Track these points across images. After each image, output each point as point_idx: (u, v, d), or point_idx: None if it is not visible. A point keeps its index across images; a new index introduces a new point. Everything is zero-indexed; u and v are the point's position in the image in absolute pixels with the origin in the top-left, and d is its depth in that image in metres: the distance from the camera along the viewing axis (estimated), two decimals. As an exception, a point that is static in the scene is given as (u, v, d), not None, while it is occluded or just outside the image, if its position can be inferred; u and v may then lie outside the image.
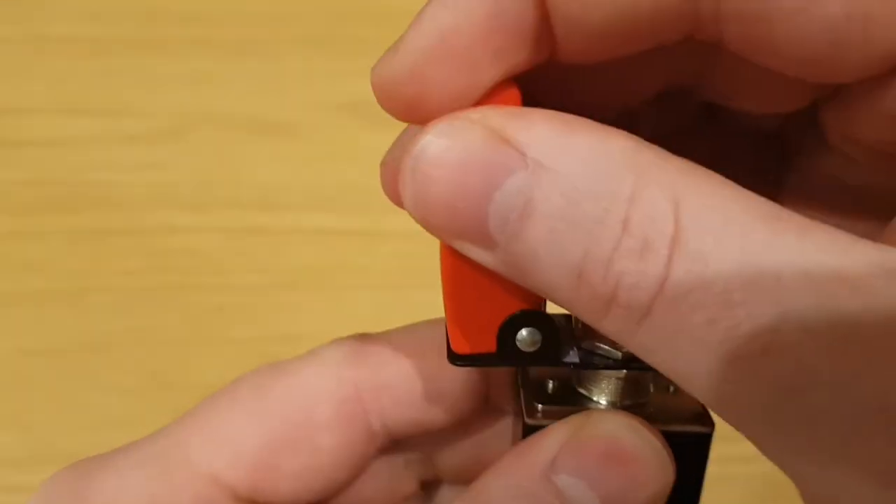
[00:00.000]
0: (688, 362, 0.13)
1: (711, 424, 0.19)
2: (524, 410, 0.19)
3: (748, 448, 0.16)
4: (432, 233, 0.15)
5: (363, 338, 0.21)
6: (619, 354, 0.18)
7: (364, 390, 0.20)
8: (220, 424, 0.19)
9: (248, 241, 0.42)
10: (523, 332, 0.17)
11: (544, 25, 0.15)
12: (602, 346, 0.18)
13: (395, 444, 0.21)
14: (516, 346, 0.17)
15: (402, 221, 0.19)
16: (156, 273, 0.41)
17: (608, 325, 0.14)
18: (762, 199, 0.13)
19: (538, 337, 0.17)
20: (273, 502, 0.19)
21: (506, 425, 0.22)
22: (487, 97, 0.15)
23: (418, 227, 0.18)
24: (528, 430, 0.19)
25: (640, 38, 0.15)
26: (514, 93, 0.15)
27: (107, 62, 0.44)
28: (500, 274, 0.15)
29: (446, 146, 0.14)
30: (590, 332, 0.18)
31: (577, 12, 0.14)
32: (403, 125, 0.17)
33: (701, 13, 0.14)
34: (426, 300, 0.20)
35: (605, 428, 0.17)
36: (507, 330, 0.17)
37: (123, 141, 0.43)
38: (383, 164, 0.18)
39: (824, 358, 0.13)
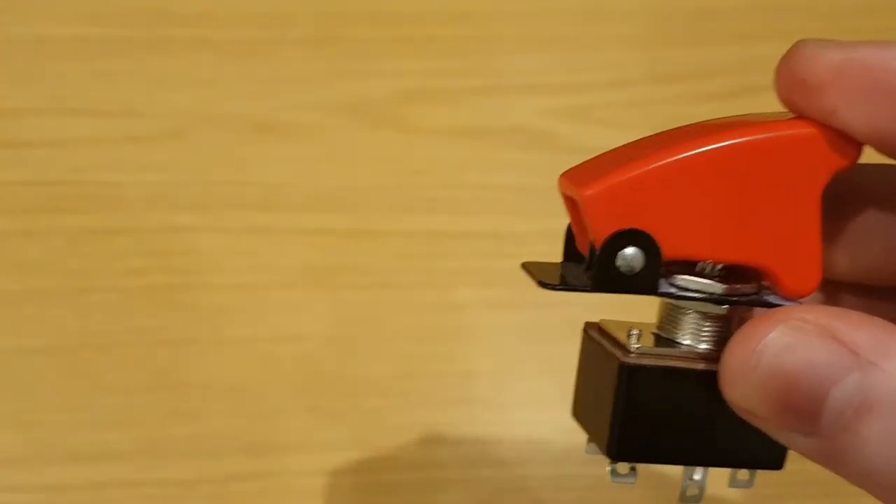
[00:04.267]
0: None
1: None
2: (618, 353, 0.18)
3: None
4: (748, 417, 0.16)
5: None
6: (721, 288, 0.18)
7: None
8: None
9: (248, 241, 0.42)
10: (627, 252, 0.17)
11: None
12: (698, 279, 0.18)
13: None
14: (616, 267, 0.17)
15: (403, 221, 0.19)
16: (156, 273, 0.41)
17: None
18: None
19: (640, 260, 0.17)
20: None
21: None
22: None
23: (418, 228, 0.18)
24: (625, 370, 0.18)
25: None
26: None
27: (107, 62, 0.44)
28: (807, 454, 0.16)
29: (789, 343, 0.16)
30: (679, 267, 0.18)
31: None
32: (399, 125, 0.17)
33: None
34: (426, 300, 0.20)
35: None
36: (609, 249, 0.17)
37: (123, 141, 0.43)
38: (803, 56, 0.17)
39: None
